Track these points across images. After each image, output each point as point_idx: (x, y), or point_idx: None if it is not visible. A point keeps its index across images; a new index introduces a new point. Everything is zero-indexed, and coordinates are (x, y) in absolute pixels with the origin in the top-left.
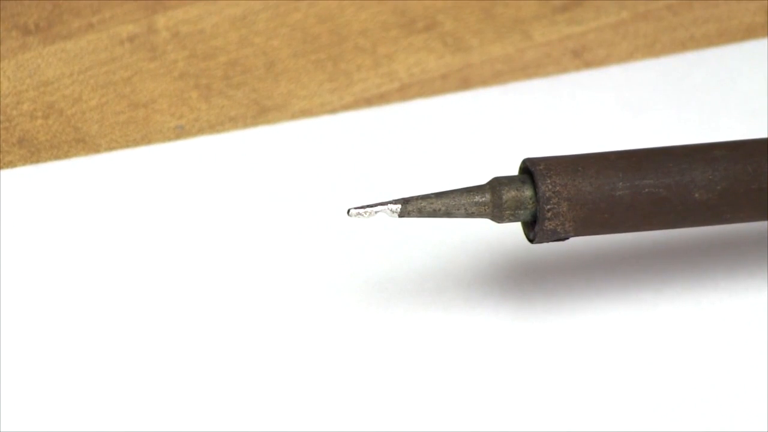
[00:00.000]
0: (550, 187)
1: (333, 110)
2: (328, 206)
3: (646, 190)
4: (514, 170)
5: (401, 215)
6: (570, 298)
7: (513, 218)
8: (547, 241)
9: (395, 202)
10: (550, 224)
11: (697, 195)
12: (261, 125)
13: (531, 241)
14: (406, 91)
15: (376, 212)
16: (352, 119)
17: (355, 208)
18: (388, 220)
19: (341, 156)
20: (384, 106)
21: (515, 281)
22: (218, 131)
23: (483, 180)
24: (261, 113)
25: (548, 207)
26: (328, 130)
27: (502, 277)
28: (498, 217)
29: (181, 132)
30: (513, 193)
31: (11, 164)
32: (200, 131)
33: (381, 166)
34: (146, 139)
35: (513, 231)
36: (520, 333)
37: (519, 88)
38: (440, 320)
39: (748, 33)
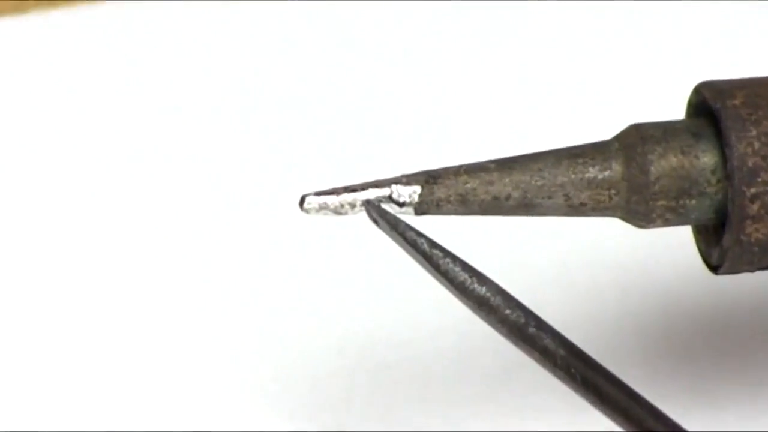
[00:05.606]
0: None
1: None
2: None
3: None
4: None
5: (418, 211)
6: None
7: (674, 217)
8: (745, 270)
9: (408, 180)
10: (760, 228)
11: None
12: None
13: (714, 269)
14: None
15: (360, 204)
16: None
17: (316, 194)
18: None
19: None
20: None
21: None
22: None
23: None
24: None
25: (752, 191)
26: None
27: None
28: (639, 214)
29: None
30: (675, 159)
31: None
32: None
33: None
34: None
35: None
36: None
37: None
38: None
39: None
